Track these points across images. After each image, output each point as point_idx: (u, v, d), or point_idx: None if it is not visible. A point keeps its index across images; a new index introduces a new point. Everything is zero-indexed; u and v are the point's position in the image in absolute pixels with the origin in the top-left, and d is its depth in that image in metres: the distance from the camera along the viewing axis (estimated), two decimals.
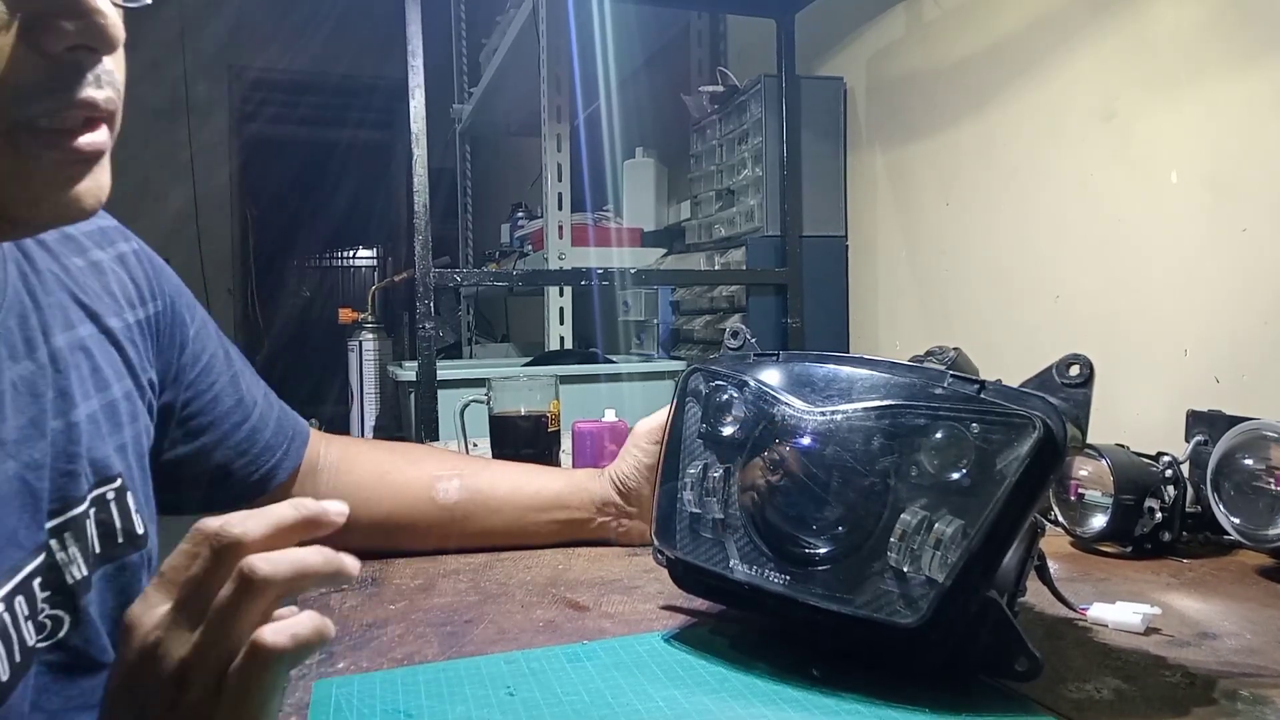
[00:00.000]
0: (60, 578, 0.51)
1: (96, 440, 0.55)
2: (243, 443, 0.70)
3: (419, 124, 1.48)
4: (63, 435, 0.52)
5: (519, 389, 1.06)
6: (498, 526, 0.80)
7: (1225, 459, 0.74)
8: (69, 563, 0.52)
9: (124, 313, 0.61)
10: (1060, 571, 0.74)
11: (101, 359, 0.58)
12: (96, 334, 0.58)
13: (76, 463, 0.53)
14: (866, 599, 0.50)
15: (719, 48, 2.31)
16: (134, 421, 0.60)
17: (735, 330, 0.64)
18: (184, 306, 0.68)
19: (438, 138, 2.64)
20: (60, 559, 0.51)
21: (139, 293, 0.63)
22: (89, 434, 0.54)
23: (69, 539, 0.52)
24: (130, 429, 0.59)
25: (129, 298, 0.62)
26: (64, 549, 0.52)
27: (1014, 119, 1.33)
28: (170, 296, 0.66)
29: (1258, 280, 0.98)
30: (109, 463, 0.56)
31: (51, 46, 0.41)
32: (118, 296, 0.61)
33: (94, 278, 0.60)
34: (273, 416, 0.74)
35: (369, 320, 2.16)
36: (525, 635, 0.60)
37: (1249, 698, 0.49)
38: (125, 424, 0.59)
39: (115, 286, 0.62)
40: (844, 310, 1.78)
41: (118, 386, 0.59)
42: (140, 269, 0.65)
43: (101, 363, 0.58)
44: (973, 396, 0.50)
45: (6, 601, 0.47)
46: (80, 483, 0.53)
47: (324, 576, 0.41)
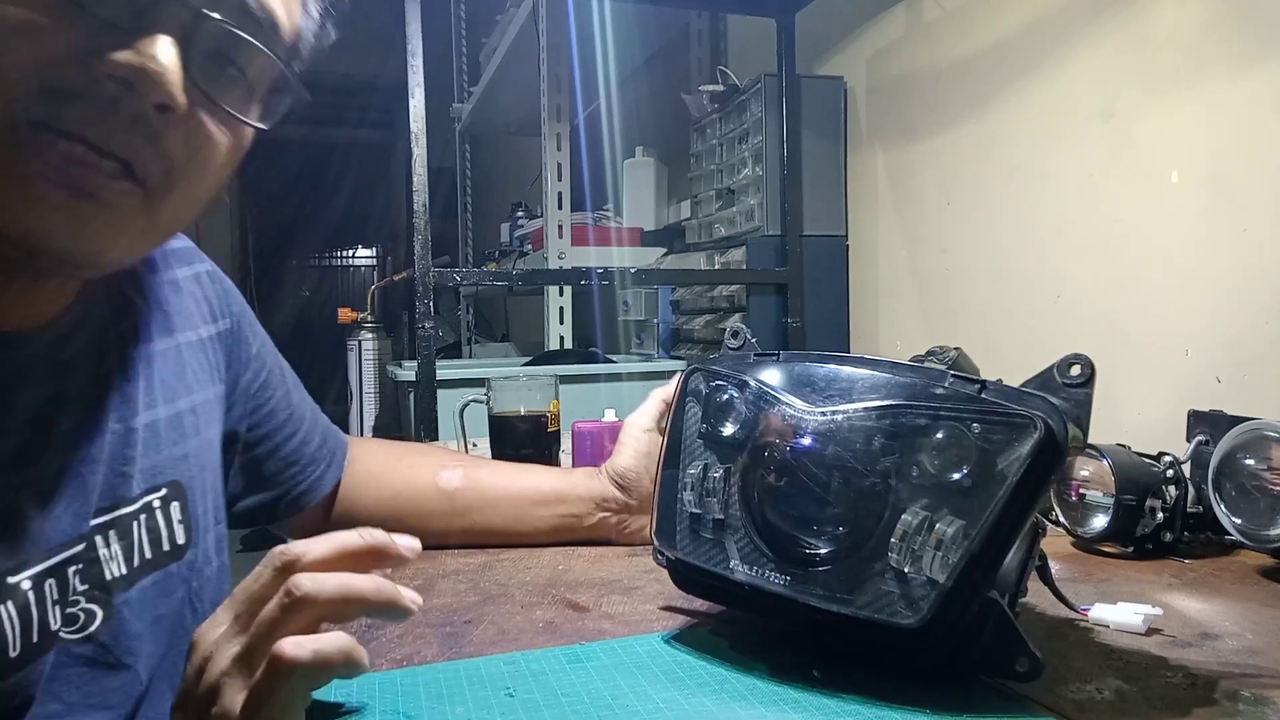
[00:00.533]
0: (99, 573, 0.52)
1: (153, 448, 0.57)
2: (292, 454, 0.74)
3: (419, 123, 1.48)
4: (121, 439, 0.54)
5: (519, 389, 1.06)
6: (495, 520, 0.81)
7: (1226, 459, 0.74)
8: (110, 559, 0.53)
9: (199, 328, 0.65)
10: (1061, 572, 0.73)
11: (171, 372, 0.61)
12: (170, 348, 0.61)
13: (130, 466, 0.55)
14: (867, 599, 0.50)
15: (719, 47, 2.31)
16: (199, 433, 0.62)
17: (735, 330, 0.64)
18: (248, 325, 0.71)
19: (437, 137, 2.64)
20: (102, 554, 0.52)
21: (211, 310, 0.67)
22: (146, 441, 0.56)
23: (113, 536, 0.53)
24: (195, 440, 0.62)
25: (203, 314, 0.66)
26: (107, 545, 0.53)
27: (1014, 119, 1.33)
28: (237, 316, 0.70)
29: (1258, 280, 0.98)
30: (163, 470, 0.58)
31: (100, 70, 0.43)
32: (193, 313, 0.65)
33: (172, 294, 0.63)
34: (318, 431, 0.78)
35: (368, 320, 2.16)
36: (525, 636, 0.60)
37: (1250, 698, 0.49)
38: (190, 435, 0.61)
39: (190, 303, 0.65)
40: (844, 310, 1.77)
41: (186, 399, 0.61)
42: (213, 288, 0.68)
43: (170, 375, 0.60)
44: (974, 396, 0.50)
45: (36, 580, 0.48)
46: (132, 485, 0.55)
47: (374, 604, 0.42)
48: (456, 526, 0.81)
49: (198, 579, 0.60)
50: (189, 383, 0.62)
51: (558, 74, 2.31)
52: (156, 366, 0.59)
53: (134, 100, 0.44)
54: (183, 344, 0.63)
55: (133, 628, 0.54)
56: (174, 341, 0.62)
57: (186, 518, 0.59)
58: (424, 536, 0.80)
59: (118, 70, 0.43)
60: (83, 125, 0.43)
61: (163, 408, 0.59)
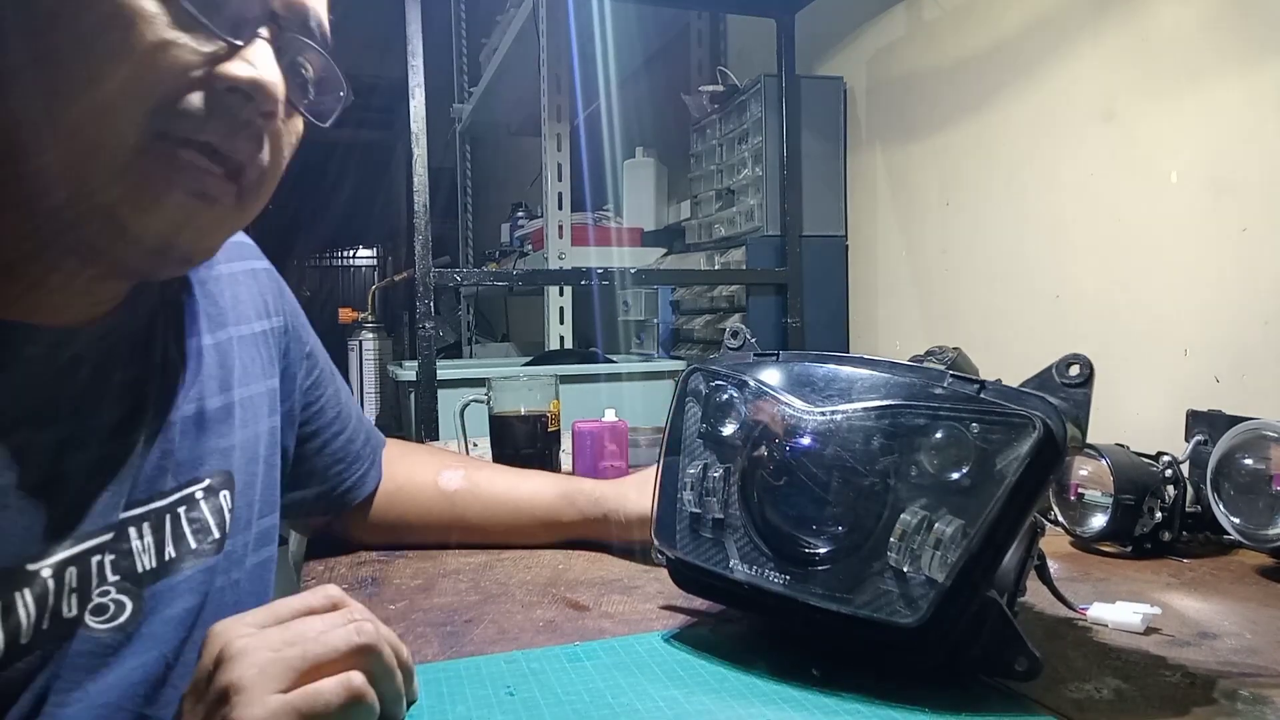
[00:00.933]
0: (131, 565, 0.53)
1: (196, 439, 0.58)
2: (339, 451, 0.76)
3: (419, 124, 1.48)
4: (160, 432, 0.56)
5: (519, 389, 1.06)
6: (491, 524, 0.82)
7: (1225, 459, 0.74)
8: (143, 551, 0.54)
9: (252, 323, 0.66)
10: (1060, 571, 0.74)
11: (219, 364, 0.61)
12: (221, 341, 0.62)
13: (168, 459, 0.56)
14: (866, 599, 0.50)
15: (719, 47, 2.31)
16: (247, 425, 0.63)
17: (735, 330, 0.64)
18: (302, 325, 0.73)
19: (438, 137, 2.64)
20: (135, 546, 0.53)
21: (267, 306, 0.68)
22: (186, 433, 0.57)
23: (147, 529, 0.54)
24: (244, 432, 0.62)
25: (259, 309, 0.67)
26: (140, 537, 0.54)
27: (1014, 119, 1.33)
28: (291, 314, 0.72)
29: (1258, 280, 0.98)
30: (206, 461, 0.59)
31: (218, 84, 0.46)
32: (247, 307, 0.66)
33: (227, 288, 0.64)
34: (363, 431, 0.80)
35: (369, 320, 2.16)
36: (525, 635, 0.60)
37: (1249, 697, 0.49)
38: (239, 426, 0.62)
39: (245, 297, 0.66)
40: (844, 310, 1.78)
41: (236, 391, 0.62)
42: (270, 285, 0.70)
43: (219, 368, 0.61)
44: (973, 396, 0.50)
45: (57, 569, 0.49)
46: (168, 478, 0.56)
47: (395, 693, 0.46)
48: (455, 526, 0.82)
49: (238, 570, 0.61)
50: (240, 375, 0.63)
51: (558, 74, 2.31)
52: (205, 359, 0.60)
53: (250, 109, 0.48)
54: (235, 337, 0.64)
55: (164, 619, 0.55)
56: (225, 334, 0.63)
57: (233, 508, 0.60)
58: (423, 532, 0.82)
59: (238, 83, 0.47)
60: (207, 134, 0.47)
61: (210, 399, 0.60)
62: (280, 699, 0.41)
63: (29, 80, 0.44)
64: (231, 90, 0.47)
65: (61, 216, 0.47)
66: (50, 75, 0.44)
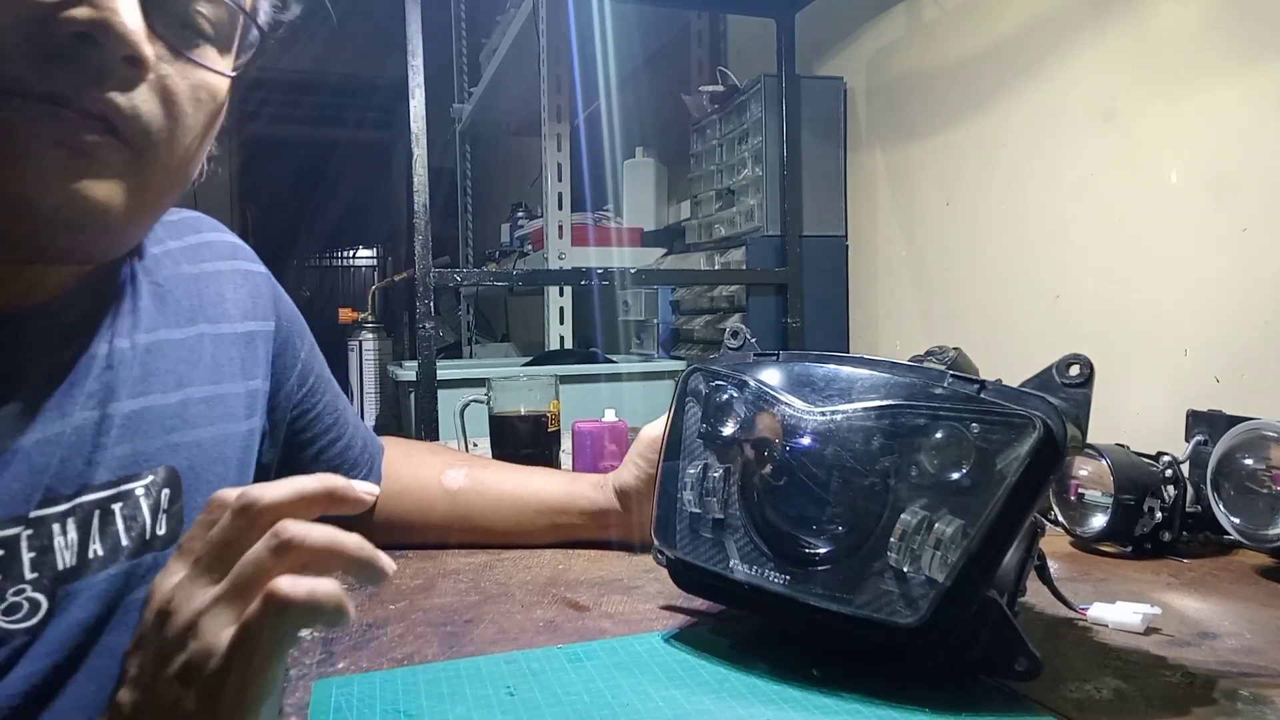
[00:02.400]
0: (51, 561, 0.50)
1: (139, 434, 0.55)
2: (336, 457, 0.76)
3: (419, 124, 1.48)
4: (93, 425, 0.53)
5: (519, 389, 1.06)
6: (496, 522, 0.82)
7: (1225, 459, 0.74)
8: (65, 548, 0.51)
9: (236, 322, 0.65)
10: (1060, 571, 0.74)
11: (182, 359, 0.59)
12: (189, 337, 0.60)
13: (100, 452, 0.53)
14: (866, 599, 0.50)
15: (719, 47, 2.31)
16: (214, 424, 0.61)
17: (735, 330, 0.64)
18: (297, 332, 0.72)
19: (438, 138, 2.64)
20: (57, 543, 0.51)
21: (257, 308, 0.67)
22: (127, 427, 0.55)
23: (71, 524, 0.51)
24: (210, 429, 0.60)
25: (246, 311, 0.66)
26: (63, 534, 0.51)
27: (1014, 119, 1.33)
28: (287, 320, 0.71)
29: (1258, 280, 0.98)
30: (151, 458, 0.56)
31: (60, 30, 0.43)
32: (233, 306, 0.65)
33: (209, 284, 0.63)
34: (360, 435, 0.79)
35: (369, 320, 2.16)
36: (525, 635, 0.60)
37: (1249, 697, 0.49)
38: (201, 423, 0.60)
39: (231, 296, 0.65)
40: (844, 310, 1.78)
41: (201, 388, 0.60)
42: (263, 289, 0.69)
43: (180, 363, 0.59)
44: (973, 396, 0.50)
45: None
46: (97, 472, 0.53)
47: (355, 562, 0.40)
48: (457, 525, 0.82)
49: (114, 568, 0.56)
50: (209, 372, 0.61)
51: (558, 74, 2.31)
52: (162, 354, 0.58)
53: (99, 54, 0.44)
54: (208, 334, 0.62)
55: (84, 618, 0.52)
56: (195, 330, 0.61)
57: (174, 509, 0.57)
58: (426, 532, 0.82)
59: (77, 25, 0.43)
60: (52, 85, 0.44)
61: (164, 395, 0.58)
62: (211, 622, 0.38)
63: None
64: (79, 37, 0.43)
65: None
66: None
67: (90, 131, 0.45)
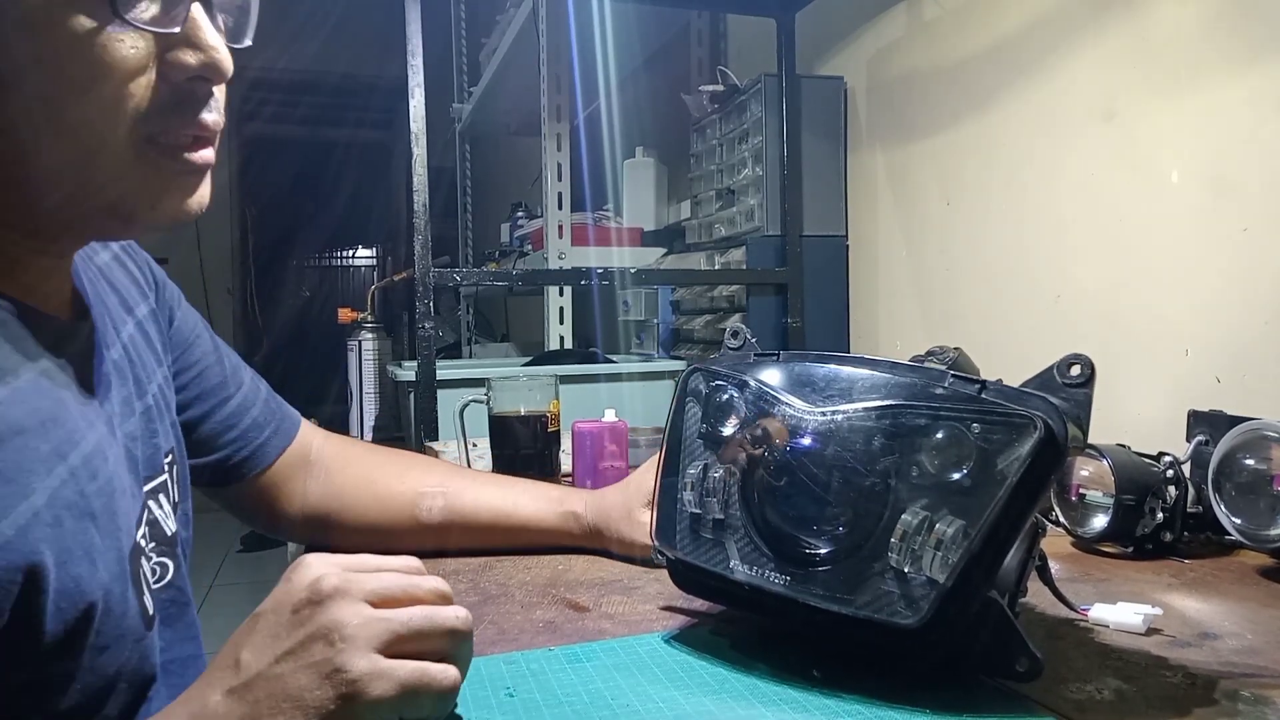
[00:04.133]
0: (162, 531, 0.59)
1: (161, 418, 0.62)
2: (230, 417, 0.75)
3: (419, 124, 1.48)
4: (144, 415, 0.60)
5: (519, 389, 1.06)
6: (474, 544, 0.81)
7: (1226, 459, 0.74)
8: (166, 517, 0.60)
9: (140, 304, 0.67)
10: (1061, 572, 0.73)
11: (145, 348, 0.65)
12: (136, 325, 0.65)
13: (156, 438, 0.61)
14: (867, 599, 0.50)
15: (719, 47, 2.30)
16: (174, 400, 0.67)
17: (735, 330, 0.64)
18: (170, 292, 0.73)
19: (438, 137, 2.64)
20: (159, 515, 0.59)
21: (145, 281, 0.69)
22: (156, 414, 0.62)
23: (162, 499, 0.60)
24: (170, 411, 0.66)
25: (140, 287, 0.68)
26: (160, 507, 0.60)
27: (1014, 119, 1.33)
28: (158, 280, 0.72)
29: (1258, 280, 0.98)
30: (168, 439, 0.63)
31: (176, 76, 0.49)
32: (138, 285, 0.68)
33: (119, 272, 0.67)
34: (259, 398, 0.78)
35: (369, 320, 2.16)
36: (525, 636, 0.60)
37: (1250, 698, 0.49)
38: (167, 408, 0.65)
39: (126, 279, 0.67)
40: (844, 310, 1.77)
41: (159, 372, 0.65)
42: (136, 260, 0.70)
43: (145, 353, 0.64)
44: (973, 396, 0.50)
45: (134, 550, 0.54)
46: (160, 455, 0.61)
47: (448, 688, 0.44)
48: (434, 548, 0.80)
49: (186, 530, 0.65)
50: (157, 354, 0.66)
51: (558, 74, 2.31)
52: (138, 346, 0.63)
53: (209, 87, 0.51)
54: (142, 319, 0.66)
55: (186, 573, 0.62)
56: (134, 320, 0.65)
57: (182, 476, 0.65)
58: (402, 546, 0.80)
59: (193, 71, 0.49)
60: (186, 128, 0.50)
61: (153, 383, 0.63)
62: (388, 663, 0.41)
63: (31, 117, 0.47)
64: (191, 79, 0.49)
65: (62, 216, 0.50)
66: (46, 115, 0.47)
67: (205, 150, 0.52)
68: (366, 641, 0.41)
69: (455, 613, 0.45)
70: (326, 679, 0.41)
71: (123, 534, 0.52)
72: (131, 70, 0.47)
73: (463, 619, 0.45)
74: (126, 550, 0.52)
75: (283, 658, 0.42)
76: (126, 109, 0.48)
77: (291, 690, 0.41)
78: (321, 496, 0.80)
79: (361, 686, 0.40)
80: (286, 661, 0.42)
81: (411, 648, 0.43)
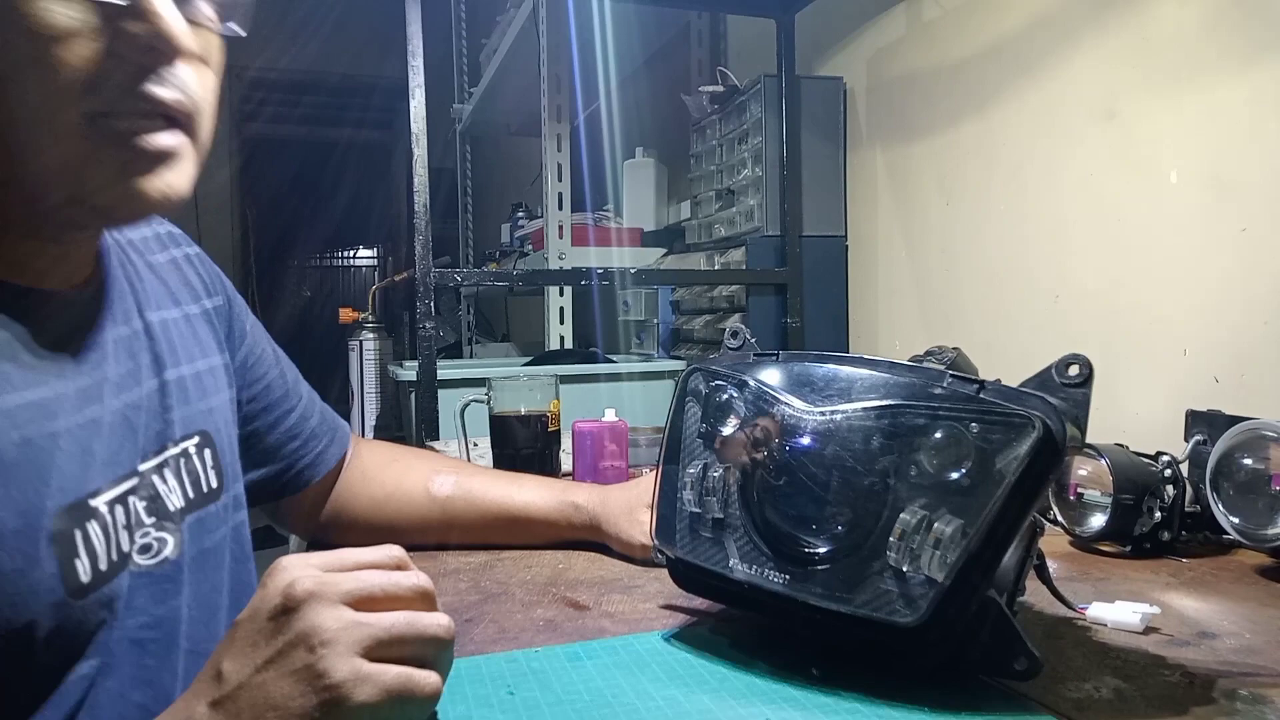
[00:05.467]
0: (163, 506, 0.58)
1: (183, 400, 0.62)
2: (293, 428, 0.77)
3: (419, 124, 1.48)
4: (157, 391, 0.60)
5: (519, 389, 1.06)
6: (483, 531, 0.82)
7: (1224, 459, 0.74)
8: (169, 493, 0.59)
9: (201, 301, 0.69)
10: (1059, 571, 0.74)
11: (188, 336, 0.65)
12: (181, 317, 0.66)
13: (170, 413, 0.60)
14: (866, 598, 0.50)
15: (719, 48, 2.31)
16: (219, 391, 0.68)
17: (735, 330, 0.64)
18: (239, 305, 0.75)
19: (438, 138, 2.64)
20: (161, 489, 0.58)
21: (205, 286, 0.71)
22: (177, 394, 0.62)
23: (168, 473, 0.59)
24: (217, 396, 0.67)
25: (199, 291, 0.70)
26: (164, 481, 0.58)
27: (1014, 119, 1.33)
28: (229, 294, 0.74)
29: (1257, 280, 0.98)
30: (195, 420, 0.63)
31: (127, 50, 0.47)
32: (194, 287, 0.69)
33: (173, 272, 0.68)
34: (316, 409, 0.81)
35: (369, 320, 2.16)
36: (525, 635, 0.60)
37: (1248, 697, 0.49)
38: (212, 392, 0.66)
39: (189, 279, 0.69)
40: (844, 310, 1.78)
41: (204, 360, 0.66)
42: (204, 267, 0.72)
43: (188, 340, 0.65)
44: (972, 396, 0.51)
45: (110, 506, 0.53)
46: (174, 430, 0.61)
47: None
48: (446, 532, 0.82)
49: (234, 520, 0.65)
50: (201, 348, 0.67)
51: (558, 74, 2.31)
52: (172, 332, 0.64)
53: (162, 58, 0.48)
54: (190, 315, 0.67)
55: (205, 550, 0.61)
56: (180, 312, 0.66)
57: (218, 464, 0.64)
58: (412, 538, 0.82)
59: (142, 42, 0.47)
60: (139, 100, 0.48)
61: (185, 367, 0.63)
62: (372, 668, 0.41)
63: None
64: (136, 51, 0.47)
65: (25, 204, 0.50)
66: None
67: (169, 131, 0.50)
68: (347, 646, 0.41)
69: (437, 619, 0.44)
70: (309, 685, 0.40)
71: (51, 490, 0.49)
72: (72, 40, 0.45)
73: (445, 626, 0.45)
74: (50, 507, 0.49)
75: (264, 666, 0.41)
76: (70, 82, 0.46)
77: (275, 698, 0.40)
78: (341, 488, 0.83)
79: (345, 691, 0.40)
80: (268, 670, 0.41)
81: (393, 653, 0.42)
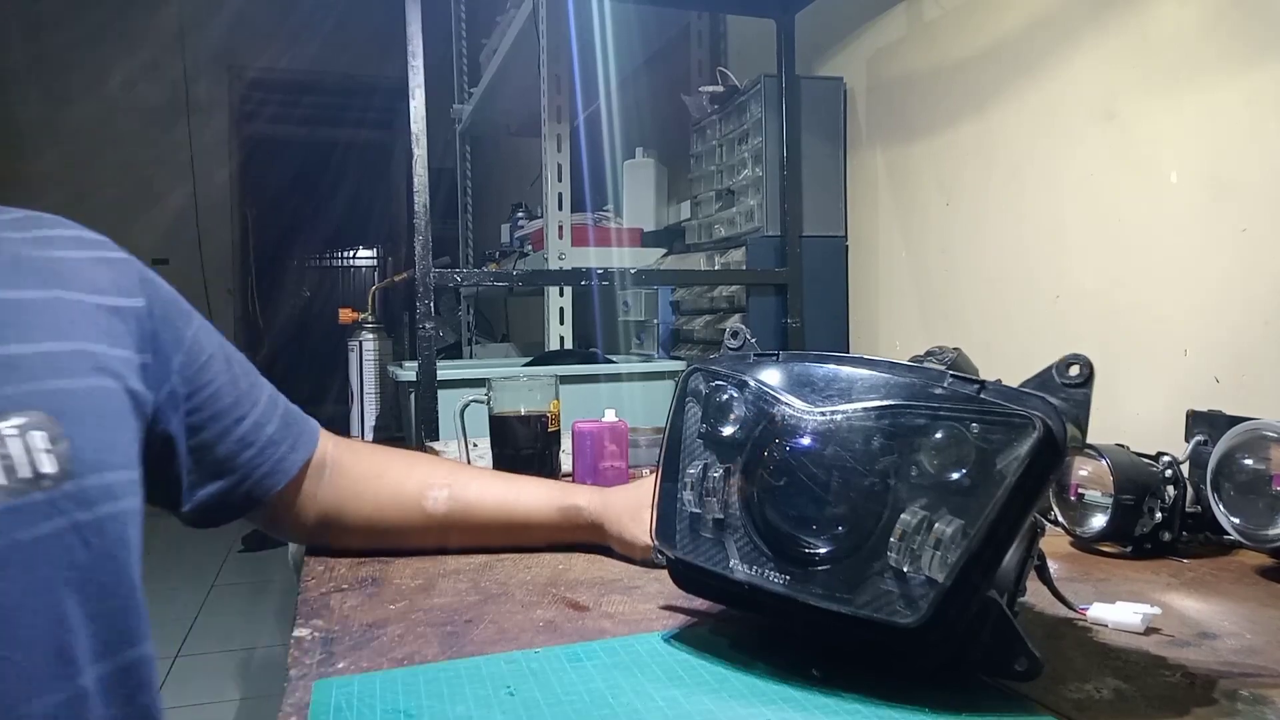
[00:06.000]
0: None
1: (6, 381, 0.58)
2: (246, 435, 0.74)
3: (419, 124, 1.48)
4: None
5: (519, 389, 1.06)
6: (480, 539, 0.82)
7: (1225, 459, 0.74)
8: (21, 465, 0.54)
9: (101, 295, 0.66)
10: (1060, 571, 0.74)
11: (45, 317, 0.62)
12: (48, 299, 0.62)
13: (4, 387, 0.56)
14: (866, 599, 0.50)
15: (719, 48, 2.31)
16: (86, 376, 0.63)
17: (735, 330, 0.64)
18: (179, 313, 0.72)
19: (438, 138, 2.64)
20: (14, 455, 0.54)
21: (121, 287, 0.68)
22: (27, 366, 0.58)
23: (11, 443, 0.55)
24: (85, 381, 0.62)
25: (110, 287, 0.67)
26: None
27: (1014, 119, 1.33)
28: (164, 301, 0.71)
29: (1257, 280, 0.98)
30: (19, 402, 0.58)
31: None
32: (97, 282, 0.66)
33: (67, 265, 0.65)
34: (276, 414, 0.77)
35: (369, 320, 2.16)
36: (525, 635, 0.60)
37: (1249, 697, 0.49)
38: (77, 375, 0.62)
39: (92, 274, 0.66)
40: (844, 310, 1.78)
41: (70, 343, 0.62)
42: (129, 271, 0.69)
43: (45, 320, 0.62)
44: (972, 396, 0.50)
45: None
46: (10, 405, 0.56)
47: None
48: (442, 542, 0.81)
49: (89, 513, 0.59)
50: (77, 331, 0.63)
51: (558, 75, 2.31)
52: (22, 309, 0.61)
53: None
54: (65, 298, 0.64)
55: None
56: (50, 294, 0.63)
57: (59, 448, 0.59)
58: (409, 542, 0.80)
59: None
60: None
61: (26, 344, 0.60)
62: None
63: None
64: None
65: None
66: None
67: None
68: None
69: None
70: None
71: None
72: None
73: None
74: None
75: None
76: None
77: None
78: (330, 497, 0.81)
79: None
80: None
81: None
